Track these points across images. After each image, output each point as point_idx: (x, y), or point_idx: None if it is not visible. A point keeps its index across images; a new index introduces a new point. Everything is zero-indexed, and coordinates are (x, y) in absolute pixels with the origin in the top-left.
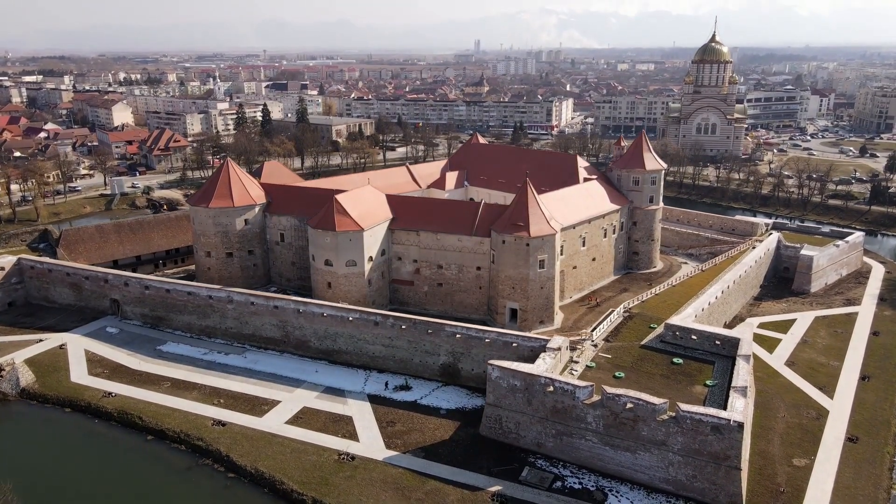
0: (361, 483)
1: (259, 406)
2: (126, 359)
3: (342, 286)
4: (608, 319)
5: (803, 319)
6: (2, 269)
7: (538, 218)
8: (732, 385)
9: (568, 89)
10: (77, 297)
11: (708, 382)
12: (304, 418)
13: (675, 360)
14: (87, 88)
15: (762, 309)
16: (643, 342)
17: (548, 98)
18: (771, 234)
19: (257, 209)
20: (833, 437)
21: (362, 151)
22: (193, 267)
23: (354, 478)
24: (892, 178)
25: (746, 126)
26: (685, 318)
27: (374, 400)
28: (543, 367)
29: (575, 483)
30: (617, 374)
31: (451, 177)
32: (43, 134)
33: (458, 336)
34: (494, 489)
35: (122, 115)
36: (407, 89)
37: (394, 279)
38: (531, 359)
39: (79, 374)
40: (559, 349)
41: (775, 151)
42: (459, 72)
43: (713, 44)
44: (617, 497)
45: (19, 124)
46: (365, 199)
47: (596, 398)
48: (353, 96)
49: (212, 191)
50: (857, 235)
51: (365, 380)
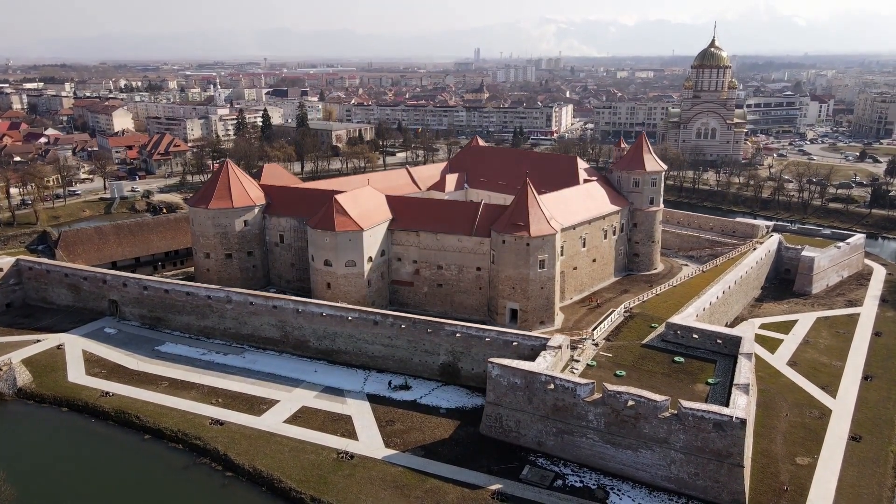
0: (360, 481)
1: (257, 405)
2: (124, 359)
3: (341, 287)
4: (609, 319)
5: (805, 320)
6: (0, 270)
7: (538, 218)
8: (735, 382)
9: (567, 96)
10: (75, 299)
11: (710, 381)
12: (303, 417)
13: (677, 359)
14: (88, 95)
15: (763, 310)
16: (644, 341)
17: (547, 104)
18: (772, 236)
19: (256, 210)
20: (836, 436)
21: (362, 156)
22: (193, 269)
23: (353, 476)
24: (893, 182)
25: (746, 131)
26: (686, 318)
27: (374, 399)
28: (544, 365)
29: (576, 481)
30: (618, 373)
31: (451, 179)
32: (43, 139)
33: (458, 335)
34: (495, 487)
35: (123, 121)
36: (407, 96)
37: (393, 280)
38: (531, 358)
39: (76, 374)
40: (560, 347)
41: (775, 156)
42: (459, 79)
43: (712, 49)
44: (619, 495)
45: (20, 130)
46: (364, 200)
47: (597, 396)
48: (354, 102)
49: (211, 192)
50: (859, 237)
51: (364, 379)
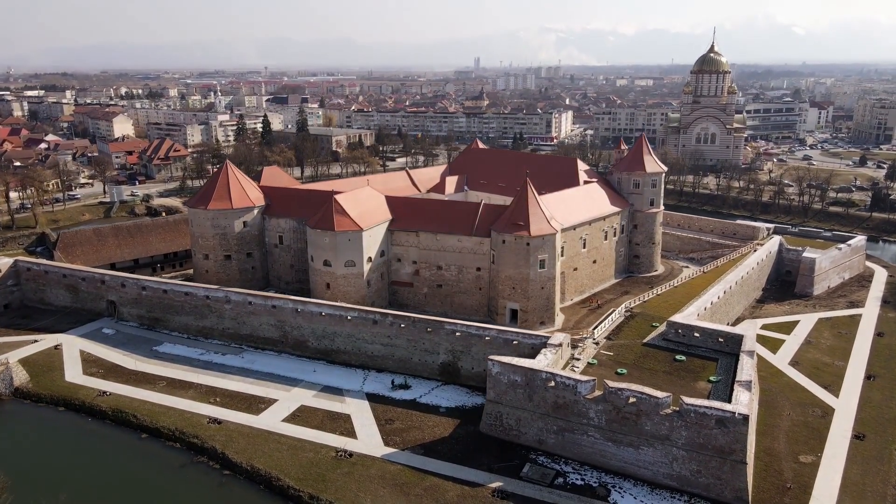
0: (359, 479)
1: (255, 404)
2: (122, 359)
3: (341, 287)
4: (609, 318)
5: (806, 321)
6: None
7: (538, 217)
8: (737, 379)
9: (567, 103)
10: (73, 299)
11: (711, 378)
12: (302, 416)
13: (678, 357)
14: (89, 102)
15: (765, 311)
16: (645, 340)
17: (547, 111)
18: (772, 238)
19: (256, 211)
20: (839, 435)
21: (362, 161)
22: (192, 271)
23: (352, 474)
24: (893, 186)
25: (746, 136)
26: (687, 317)
27: (373, 399)
28: (544, 363)
29: (577, 479)
30: (619, 371)
31: (451, 181)
32: (43, 145)
33: (458, 334)
34: (495, 485)
35: (123, 127)
36: (407, 103)
37: (393, 281)
38: (532, 356)
39: (73, 374)
40: (560, 345)
41: (775, 161)
42: (459, 87)
43: (712, 54)
44: (620, 493)
45: (20, 136)
46: (364, 200)
47: (598, 393)
48: (354, 109)
49: (210, 192)
50: (860, 239)
51: (363, 379)
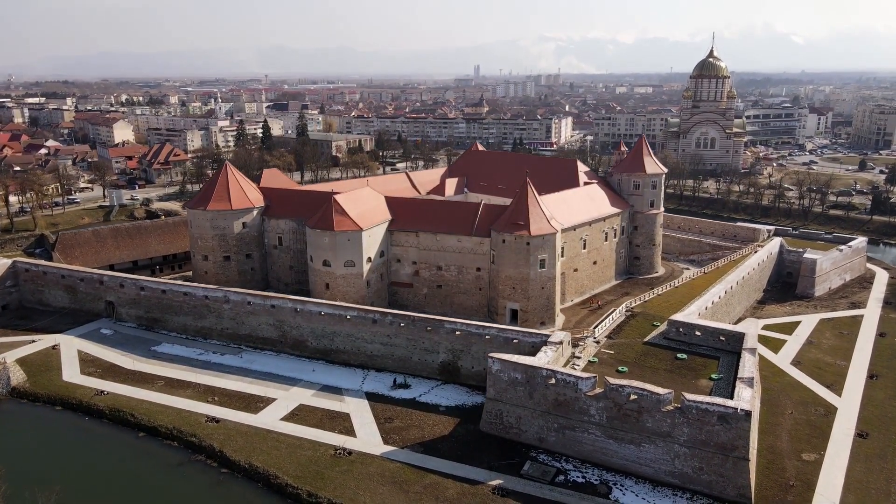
0: (358, 477)
1: (254, 403)
2: (119, 359)
3: (340, 287)
4: (610, 318)
5: (808, 321)
6: None
7: (538, 217)
8: (739, 376)
9: (567, 110)
10: (72, 300)
11: (713, 376)
12: (300, 415)
13: (680, 356)
14: (90, 109)
15: (766, 312)
16: (646, 339)
17: (547, 116)
18: (773, 240)
19: (255, 212)
20: (842, 433)
21: (362, 165)
22: (191, 273)
23: (351, 472)
24: (893, 190)
25: (745, 141)
26: (688, 316)
27: (372, 398)
28: (545, 360)
29: (578, 477)
30: (620, 369)
31: (451, 183)
32: (44, 150)
33: (458, 333)
34: (495, 483)
35: (123, 133)
36: (407, 110)
37: (392, 281)
38: (532, 355)
39: (71, 374)
40: (561, 343)
41: (775, 165)
42: (459, 94)
43: (711, 59)
44: (622, 491)
45: (20, 141)
46: (364, 200)
47: (599, 390)
48: (354, 115)
49: (210, 193)
50: (861, 240)
51: (363, 378)
